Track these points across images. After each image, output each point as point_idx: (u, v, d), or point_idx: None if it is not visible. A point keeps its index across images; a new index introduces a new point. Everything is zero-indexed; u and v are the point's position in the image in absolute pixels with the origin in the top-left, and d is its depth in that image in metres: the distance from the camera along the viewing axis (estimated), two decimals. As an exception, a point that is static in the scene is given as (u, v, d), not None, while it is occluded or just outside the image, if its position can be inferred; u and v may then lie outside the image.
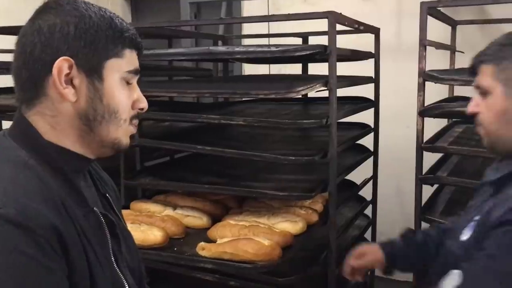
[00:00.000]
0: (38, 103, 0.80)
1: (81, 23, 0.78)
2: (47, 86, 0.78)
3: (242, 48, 1.59)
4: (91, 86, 0.79)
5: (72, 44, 0.77)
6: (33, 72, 0.78)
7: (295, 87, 1.56)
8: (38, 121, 0.81)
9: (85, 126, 0.81)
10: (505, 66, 0.97)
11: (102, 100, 0.80)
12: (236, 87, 1.68)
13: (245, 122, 1.62)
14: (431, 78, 1.54)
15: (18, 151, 0.79)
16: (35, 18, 0.80)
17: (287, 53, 1.55)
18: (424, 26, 1.60)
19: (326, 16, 1.56)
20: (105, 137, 0.83)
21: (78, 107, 0.79)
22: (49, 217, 0.72)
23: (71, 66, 0.77)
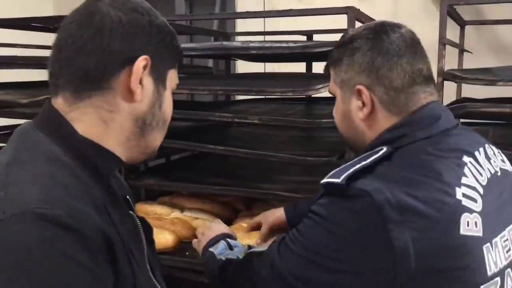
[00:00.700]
0: (97, 95, 0.74)
1: (161, 27, 0.78)
2: (116, 80, 0.74)
3: (258, 44, 1.52)
4: (155, 91, 0.78)
5: (153, 45, 0.76)
6: (104, 63, 0.73)
7: (314, 85, 1.50)
8: (88, 113, 0.74)
9: (137, 129, 0.78)
10: (339, 69, 0.98)
11: (161, 107, 0.80)
12: (250, 84, 1.60)
13: (259, 121, 1.55)
14: (453, 77, 1.51)
15: (51, 146, 0.71)
16: (106, 6, 0.74)
17: (307, 49, 1.49)
18: (444, 25, 1.57)
19: (346, 11, 1.51)
20: (151, 144, 0.82)
21: (139, 109, 0.76)
22: (97, 220, 0.65)
23: (145, 67, 0.75)
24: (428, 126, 0.89)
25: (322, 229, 0.85)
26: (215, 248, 1.19)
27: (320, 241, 0.85)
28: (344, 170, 0.86)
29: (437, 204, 0.79)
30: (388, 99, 0.92)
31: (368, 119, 0.95)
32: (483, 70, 1.61)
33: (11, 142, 0.74)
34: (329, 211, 0.85)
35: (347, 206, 0.82)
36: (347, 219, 0.82)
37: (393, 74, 0.91)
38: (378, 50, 0.92)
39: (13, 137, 0.75)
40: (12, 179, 0.65)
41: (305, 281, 0.86)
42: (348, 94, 0.97)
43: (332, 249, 0.83)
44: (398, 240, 0.77)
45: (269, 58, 1.97)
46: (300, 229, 0.90)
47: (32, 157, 0.68)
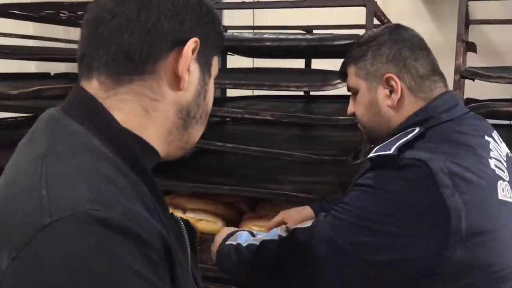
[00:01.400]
0: (139, 81, 0.63)
1: (209, 7, 0.68)
2: (162, 64, 0.63)
3: (272, 35, 1.43)
4: (202, 79, 0.68)
5: (202, 28, 0.66)
6: (150, 43, 0.62)
7: (332, 80, 1.42)
8: (128, 101, 0.63)
9: (181, 121, 0.68)
10: (363, 64, 1.05)
11: (205, 97, 0.70)
12: (262, 78, 1.51)
13: (272, 117, 1.46)
14: (473, 75, 1.46)
15: (88, 137, 0.60)
16: None
17: (324, 42, 1.41)
18: (462, 21, 1.52)
19: (364, 3, 1.44)
20: (192, 138, 0.71)
21: (184, 98, 0.66)
22: (155, 224, 0.55)
23: (194, 51, 0.65)
24: (450, 110, 0.98)
25: (374, 197, 0.88)
26: (234, 239, 1.12)
27: (373, 208, 0.88)
28: (390, 145, 0.91)
29: (479, 172, 0.87)
30: (416, 85, 1.01)
31: (397, 105, 1.02)
32: (502, 68, 1.58)
33: (38, 132, 0.62)
34: (381, 181, 0.89)
35: (400, 175, 0.86)
36: (401, 186, 0.85)
37: (418, 63, 1.01)
38: (403, 43, 1.02)
39: (39, 125, 0.63)
40: (53, 175, 0.53)
41: (360, 247, 0.88)
42: (374, 84, 1.04)
43: (386, 214, 0.86)
44: (452, 203, 0.82)
45: (272, 52, 1.88)
46: (349, 201, 0.92)
47: (71, 150, 0.57)
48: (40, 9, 1.63)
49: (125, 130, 0.63)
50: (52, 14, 1.77)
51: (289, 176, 1.76)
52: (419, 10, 3.07)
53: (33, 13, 1.75)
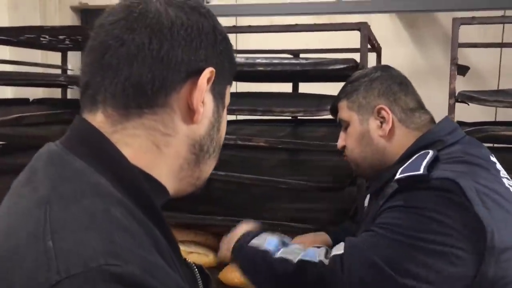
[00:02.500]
0: (150, 115, 0.57)
1: (224, 34, 0.64)
2: (174, 96, 0.58)
3: (265, 60, 1.39)
4: (215, 111, 0.64)
5: (217, 56, 0.62)
6: (163, 74, 0.57)
7: (327, 105, 1.38)
8: (137, 136, 0.57)
9: (193, 156, 0.63)
10: (355, 97, 1.12)
11: (219, 130, 0.66)
12: (253, 103, 1.46)
13: (266, 144, 1.41)
14: (468, 99, 1.44)
15: (96, 177, 0.53)
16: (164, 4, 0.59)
17: (319, 67, 1.38)
18: (456, 44, 1.51)
19: (359, 27, 1.41)
20: (204, 174, 0.66)
21: (198, 131, 0.62)
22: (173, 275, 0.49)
23: (209, 81, 0.60)
24: (452, 133, 1.03)
25: (413, 217, 0.88)
26: (261, 243, 1.05)
27: (414, 227, 0.87)
28: (414, 166, 0.93)
29: (498, 190, 0.90)
30: (406, 117, 1.08)
31: (388, 135, 1.08)
32: (496, 91, 1.57)
33: (37, 171, 0.54)
34: (417, 200, 0.89)
35: (435, 194, 0.88)
36: (438, 205, 0.87)
37: (408, 98, 1.10)
38: (392, 80, 1.12)
39: (38, 164, 0.56)
40: (59, 223, 0.46)
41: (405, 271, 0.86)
42: (366, 115, 1.10)
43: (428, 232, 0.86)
44: (485, 219, 0.84)
45: (257, 76, 1.84)
46: (387, 222, 0.91)
47: (78, 192, 0.50)
48: (21, 33, 1.56)
49: (135, 168, 0.57)
50: (32, 39, 1.69)
51: (281, 203, 1.70)
52: (401, 35, 3.09)
53: (12, 37, 1.68)
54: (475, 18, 1.48)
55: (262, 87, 2.37)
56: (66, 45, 1.87)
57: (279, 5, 2.70)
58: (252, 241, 1.07)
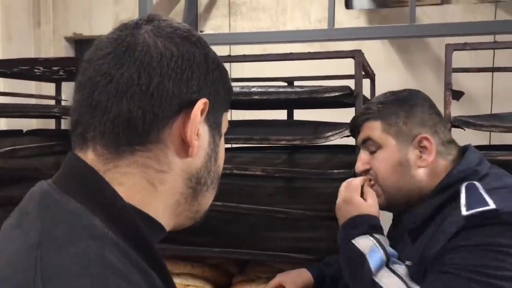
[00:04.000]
0: (143, 152, 0.55)
1: (216, 61, 0.62)
2: (166, 131, 0.56)
3: (261, 89, 1.38)
4: (212, 141, 0.62)
5: (210, 85, 0.60)
6: (153, 109, 0.55)
7: (324, 133, 1.38)
8: (131, 175, 0.55)
9: (190, 190, 0.60)
10: (394, 121, 1.06)
11: (216, 160, 0.63)
12: (249, 132, 1.46)
13: (263, 172, 1.40)
14: (464, 124, 1.44)
15: (91, 218, 0.51)
16: (152, 35, 0.57)
17: (315, 94, 1.38)
18: (450, 70, 1.51)
19: (353, 55, 1.42)
20: (202, 207, 0.64)
21: (194, 165, 0.60)
22: None
23: (203, 112, 0.58)
24: (482, 163, 1.02)
25: (490, 254, 0.86)
26: (366, 248, 1.00)
27: (492, 264, 0.85)
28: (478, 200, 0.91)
29: None
30: (444, 149, 1.06)
31: (428, 166, 1.04)
32: (490, 116, 1.57)
33: (29, 212, 0.52)
34: (491, 237, 0.87)
35: (507, 228, 0.87)
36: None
37: (445, 129, 1.09)
38: (433, 108, 1.09)
39: (29, 204, 0.54)
40: (50, 269, 0.44)
41: None
42: (405, 143, 1.05)
43: (508, 269, 0.85)
44: None
45: (257, 104, 1.84)
46: (461, 263, 0.88)
47: (71, 235, 0.48)
48: (15, 65, 1.55)
49: (131, 207, 0.54)
50: (26, 70, 1.69)
51: (278, 232, 1.67)
52: (392, 59, 3.13)
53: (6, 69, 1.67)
54: (467, 44, 1.49)
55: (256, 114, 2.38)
56: (60, 75, 1.87)
57: (272, 33, 2.74)
58: (354, 238, 1.03)
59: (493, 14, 2.93)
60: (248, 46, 3.03)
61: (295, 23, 3.28)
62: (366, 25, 3.18)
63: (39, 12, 3.18)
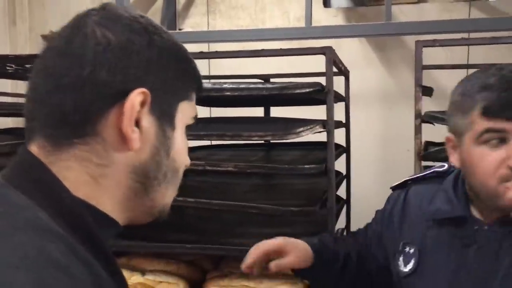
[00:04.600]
0: (81, 145, 0.54)
1: (166, 48, 0.59)
2: (103, 123, 0.54)
3: (232, 85, 1.39)
4: (160, 134, 0.58)
5: (152, 74, 0.57)
6: (88, 100, 0.53)
7: (295, 128, 1.39)
8: (72, 168, 0.54)
9: (139, 185, 0.58)
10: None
11: (169, 154, 0.60)
12: (222, 128, 1.46)
13: (235, 168, 1.41)
14: (433, 119, 1.47)
15: (35, 211, 0.50)
16: (93, 25, 0.55)
17: (286, 91, 1.39)
18: (420, 66, 1.54)
19: (323, 52, 1.44)
20: (158, 202, 0.61)
21: (138, 158, 0.57)
22: None
23: (143, 103, 0.55)
24: None
25: None
26: None
27: None
28: None
29: None
30: None
31: None
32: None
33: None
34: None
35: None
36: None
37: None
38: None
39: None
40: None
41: None
42: None
43: None
44: None
45: (228, 101, 1.84)
46: None
47: (12, 227, 0.47)
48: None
49: (78, 200, 0.54)
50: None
51: (253, 228, 1.68)
52: (370, 57, 3.15)
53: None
54: (436, 40, 1.52)
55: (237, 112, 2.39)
56: (33, 74, 1.84)
57: (250, 31, 2.73)
58: None
59: (467, 13, 2.98)
60: (227, 45, 3.04)
61: (274, 22, 3.28)
62: (344, 23, 3.20)
63: (14, 11, 3.14)
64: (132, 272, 1.49)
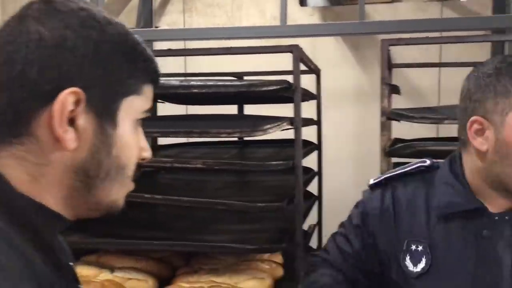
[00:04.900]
0: (18, 144, 0.53)
1: (102, 42, 0.55)
2: (36, 123, 0.53)
3: (200, 82, 1.40)
4: (99, 132, 0.56)
5: (88, 71, 0.54)
6: (18, 100, 0.52)
7: (262, 126, 1.40)
8: (12, 167, 0.54)
9: (80, 184, 0.56)
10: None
11: (110, 151, 0.57)
12: (189, 125, 1.47)
13: (204, 165, 1.42)
14: (398, 116, 1.50)
15: None
16: (30, 19, 0.53)
17: (253, 88, 1.40)
18: (385, 64, 1.57)
19: (290, 50, 1.46)
20: (103, 199, 0.60)
21: (77, 157, 0.55)
22: None
23: (78, 102, 0.53)
24: None
25: None
26: None
27: None
28: None
29: None
30: None
31: None
32: (425, 109, 1.63)
33: None
34: None
35: None
36: None
37: None
38: None
39: None
40: None
41: None
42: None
43: None
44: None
45: (202, 98, 1.85)
46: None
47: None
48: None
49: (22, 197, 0.54)
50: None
51: (224, 225, 1.70)
52: (345, 56, 3.18)
53: None
54: (401, 39, 1.55)
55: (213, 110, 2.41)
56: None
57: (226, 29, 2.74)
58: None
59: (439, 12, 3.03)
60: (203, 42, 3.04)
61: (251, 20, 3.30)
62: (320, 22, 3.23)
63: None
64: (101, 269, 1.50)
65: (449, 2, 3.04)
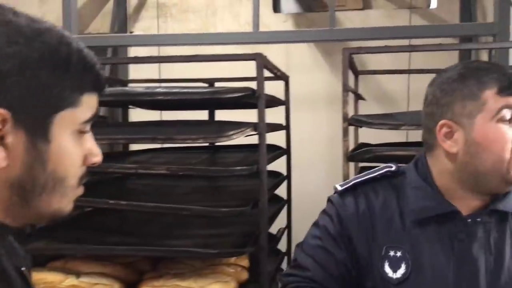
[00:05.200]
0: None
1: (28, 57, 0.53)
2: None
3: (165, 89, 1.42)
4: (31, 148, 0.55)
5: (12, 89, 0.52)
6: None
7: (226, 132, 1.43)
8: None
9: (17, 198, 0.57)
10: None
11: (45, 166, 0.57)
12: (156, 132, 1.49)
13: (168, 171, 1.44)
14: (358, 122, 1.54)
15: None
16: None
17: (217, 95, 1.43)
18: (346, 72, 1.61)
19: (254, 58, 1.49)
20: (45, 210, 0.60)
21: (11, 174, 0.55)
22: None
23: (4, 121, 0.53)
24: None
25: None
26: None
27: None
28: None
29: None
30: None
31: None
32: (385, 115, 1.68)
33: None
34: None
35: None
36: None
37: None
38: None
39: None
40: None
41: None
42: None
43: None
44: None
45: (173, 105, 1.88)
46: None
47: None
48: None
49: None
50: None
51: (190, 230, 1.72)
52: (318, 62, 3.23)
53: None
54: (361, 48, 1.59)
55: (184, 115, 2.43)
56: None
57: (199, 35, 2.76)
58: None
59: (408, 20, 3.10)
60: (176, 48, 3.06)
61: (225, 25, 3.32)
62: (293, 28, 3.27)
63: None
64: (67, 275, 1.50)
65: (418, 9, 3.12)
